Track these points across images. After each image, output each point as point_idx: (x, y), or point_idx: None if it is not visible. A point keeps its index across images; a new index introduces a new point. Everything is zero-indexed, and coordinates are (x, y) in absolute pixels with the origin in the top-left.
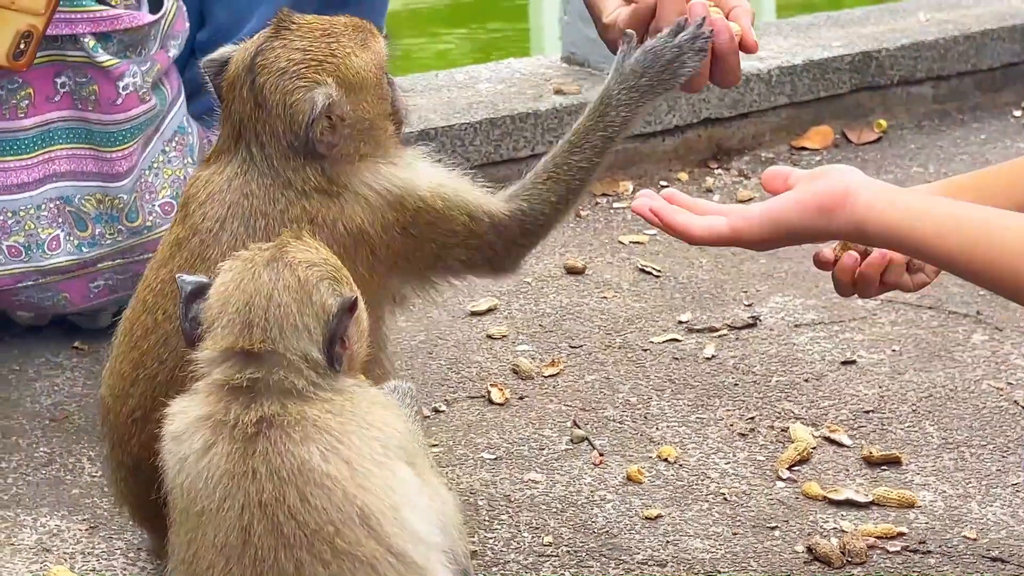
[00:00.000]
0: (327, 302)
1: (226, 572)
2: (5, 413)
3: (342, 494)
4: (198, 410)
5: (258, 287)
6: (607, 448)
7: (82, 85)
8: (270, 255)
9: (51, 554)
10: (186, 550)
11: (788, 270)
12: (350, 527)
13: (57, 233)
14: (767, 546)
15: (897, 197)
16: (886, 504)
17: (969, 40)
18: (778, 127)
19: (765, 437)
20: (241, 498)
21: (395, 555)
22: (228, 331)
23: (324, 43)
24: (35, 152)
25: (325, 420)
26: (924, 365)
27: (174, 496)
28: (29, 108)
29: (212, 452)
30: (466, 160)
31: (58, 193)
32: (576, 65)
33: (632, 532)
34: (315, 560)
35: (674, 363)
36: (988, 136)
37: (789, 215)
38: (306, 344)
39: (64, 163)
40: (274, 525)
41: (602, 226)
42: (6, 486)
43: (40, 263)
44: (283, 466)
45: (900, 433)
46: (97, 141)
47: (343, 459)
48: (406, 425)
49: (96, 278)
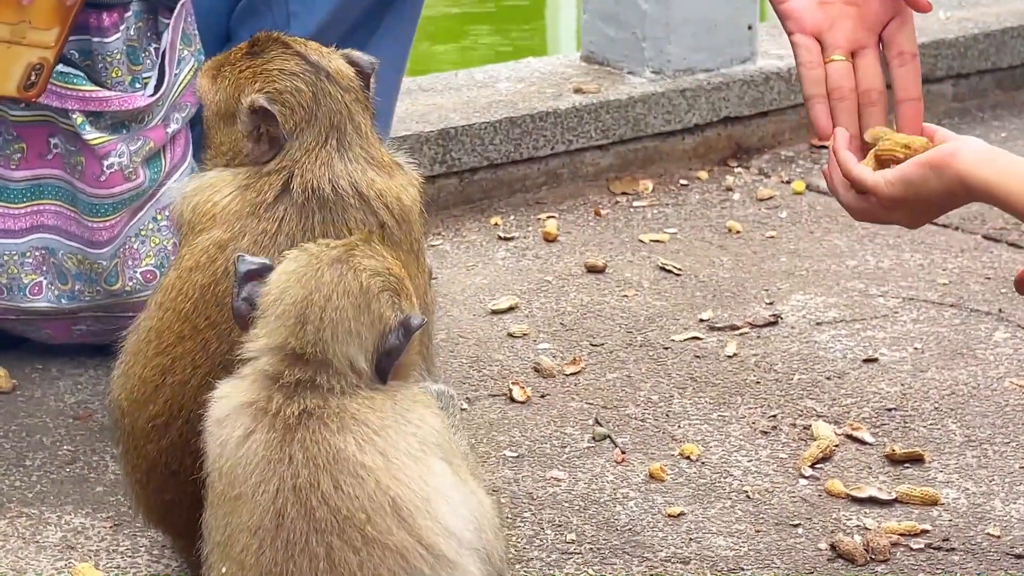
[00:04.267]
0: (384, 314)
1: (259, 554)
2: (29, 411)
3: (375, 484)
4: (242, 396)
5: (319, 285)
6: (629, 446)
7: (72, 154)
8: (336, 255)
9: (75, 551)
10: (221, 533)
11: (809, 268)
12: (381, 516)
13: (40, 280)
14: (790, 544)
15: (998, 156)
16: (909, 502)
17: (989, 38)
18: (798, 125)
19: (787, 435)
20: (276, 482)
21: (425, 547)
22: (281, 323)
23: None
24: (24, 203)
25: (364, 414)
26: (946, 363)
27: (213, 479)
28: (21, 161)
29: (252, 439)
30: (486, 159)
31: (44, 244)
32: (596, 64)
33: (655, 530)
34: (346, 546)
35: (696, 361)
36: (1009, 134)
37: (912, 174)
38: (355, 352)
39: (52, 217)
40: (307, 510)
41: (622, 225)
42: (30, 484)
43: (21, 304)
44: (319, 454)
45: (923, 431)
46: (81, 208)
47: (378, 450)
48: (444, 424)
49: (79, 323)
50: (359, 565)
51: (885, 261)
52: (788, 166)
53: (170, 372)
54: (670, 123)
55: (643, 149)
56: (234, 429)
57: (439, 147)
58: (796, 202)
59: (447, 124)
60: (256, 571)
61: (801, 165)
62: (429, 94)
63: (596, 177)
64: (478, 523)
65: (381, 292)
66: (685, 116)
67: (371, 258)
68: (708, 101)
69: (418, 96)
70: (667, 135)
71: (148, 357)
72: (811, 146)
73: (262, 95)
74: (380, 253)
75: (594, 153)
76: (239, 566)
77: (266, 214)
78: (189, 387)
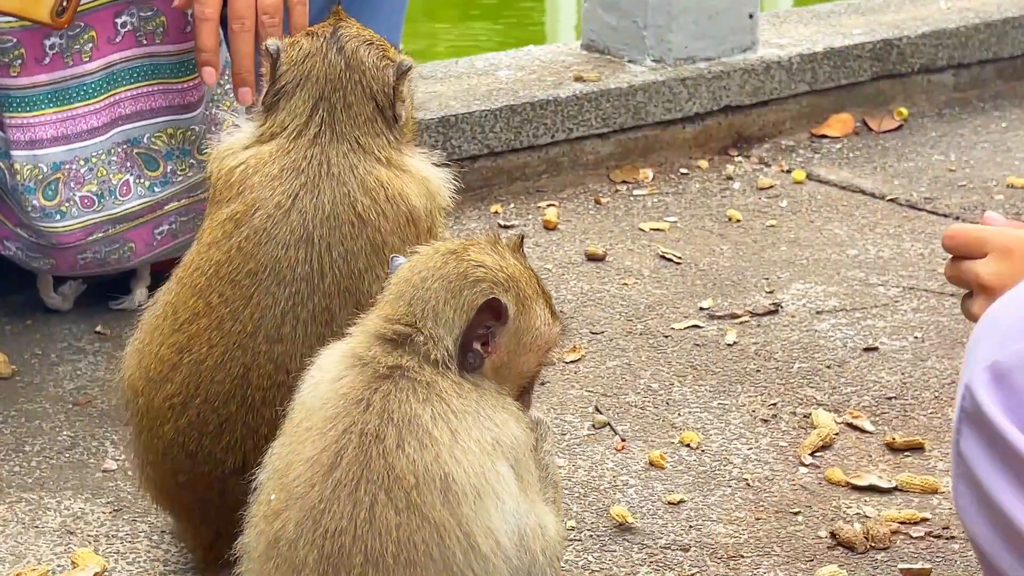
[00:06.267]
0: (476, 301)
1: (310, 487)
2: (28, 397)
3: (434, 456)
4: (345, 346)
5: (427, 268)
6: (629, 433)
7: (147, 19)
8: (454, 247)
9: (75, 537)
10: (283, 460)
11: (810, 257)
12: (429, 488)
13: (127, 178)
14: (790, 531)
15: None
16: (909, 490)
17: (990, 28)
18: (798, 115)
19: (787, 423)
20: (347, 422)
21: (464, 533)
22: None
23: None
24: (101, 95)
25: (450, 395)
26: (947, 352)
27: (293, 411)
28: (93, 51)
29: (342, 380)
30: (486, 147)
31: (124, 136)
32: (596, 52)
33: (655, 517)
34: (390, 503)
35: (696, 349)
36: (1009, 124)
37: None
38: (443, 334)
39: (129, 104)
40: (365, 457)
41: (622, 213)
42: (30, 469)
43: (113, 210)
44: (396, 410)
45: (923, 419)
46: (166, 74)
47: (451, 429)
48: (528, 440)
49: (161, 223)
50: (396, 526)
51: (885, 250)
52: (789, 155)
53: (186, 350)
54: (671, 112)
55: (643, 138)
56: (328, 371)
57: (439, 135)
58: (796, 191)
59: (447, 112)
60: (302, 504)
61: (801, 154)
62: (429, 82)
63: (596, 165)
64: (522, 538)
65: (479, 281)
66: (686, 105)
67: (484, 253)
68: (709, 90)
69: (418, 84)
70: (668, 124)
71: (164, 334)
72: (811, 135)
73: (278, 40)
74: (499, 252)
75: (594, 141)
76: (288, 495)
77: (280, 188)
78: (205, 366)
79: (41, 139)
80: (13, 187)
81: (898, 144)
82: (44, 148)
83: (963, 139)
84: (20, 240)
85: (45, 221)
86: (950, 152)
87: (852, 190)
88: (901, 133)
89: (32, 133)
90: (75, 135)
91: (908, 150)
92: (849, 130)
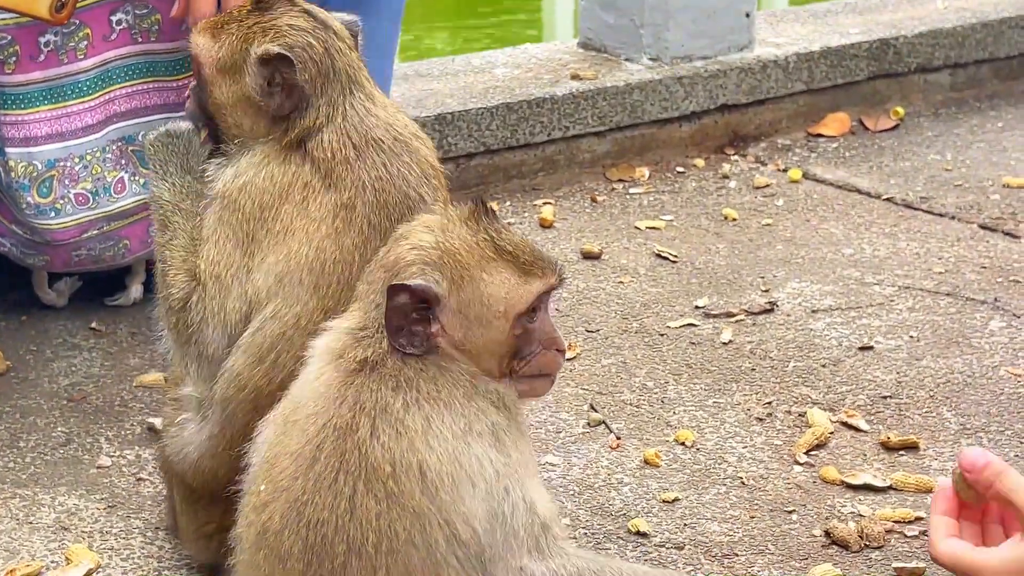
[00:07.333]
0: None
1: (293, 480)
2: (23, 393)
3: (408, 443)
4: (323, 342)
5: (377, 256)
6: (624, 432)
7: (142, 17)
8: (401, 232)
9: (69, 532)
10: (272, 451)
11: (805, 256)
12: (407, 476)
13: (121, 175)
14: (784, 530)
15: None
16: (904, 489)
17: (987, 28)
18: (795, 114)
19: (782, 422)
20: (325, 418)
21: (444, 520)
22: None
23: None
24: (96, 93)
25: (419, 381)
26: (941, 351)
27: (282, 402)
28: (88, 48)
29: (321, 377)
30: (483, 145)
31: (119, 134)
32: (593, 51)
33: (649, 515)
34: (368, 493)
35: (691, 348)
36: (1005, 124)
37: None
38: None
39: (124, 102)
40: (342, 449)
41: (618, 211)
42: (24, 465)
43: (107, 208)
44: (368, 400)
45: (917, 419)
46: (161, 72)
47: (424, 415)
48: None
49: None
50: (377, 515)
51: (881, 249)
52: (785, 154)
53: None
54: (667, 110)
55: (640, 136)
56: (311, 366)
57: (435, 132)
58: (792, 190)
59: (443, 109)
60: (287, 496)
61: (798, 153)
62: (426, 79)
63: (593, 164)
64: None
65: (411, 264)
66: (682, 103)
67: (425, 232)
68: (705, 89)
69: (415, 81)
70: (664, 122)
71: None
72: (807, 134)
73: (275, 45)
74: (438, 227)
75: (591, 140)
76: (274, 487)
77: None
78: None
79: (36, 136)
80: (8, 184)
81: (894, 143)
82: (39, 145)
83: (959, 139)
84: (15, 237)
85: (40, 218)
86: (946, 152)
87: (848, 189)
88: (897, 132)
89: (27, 130)
90: (70, 132)
91: (904, 149)
92: (845, 129)
